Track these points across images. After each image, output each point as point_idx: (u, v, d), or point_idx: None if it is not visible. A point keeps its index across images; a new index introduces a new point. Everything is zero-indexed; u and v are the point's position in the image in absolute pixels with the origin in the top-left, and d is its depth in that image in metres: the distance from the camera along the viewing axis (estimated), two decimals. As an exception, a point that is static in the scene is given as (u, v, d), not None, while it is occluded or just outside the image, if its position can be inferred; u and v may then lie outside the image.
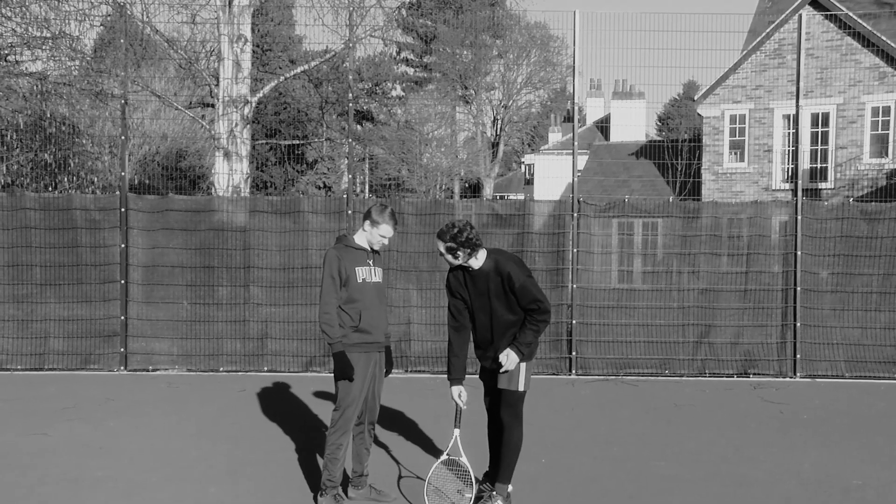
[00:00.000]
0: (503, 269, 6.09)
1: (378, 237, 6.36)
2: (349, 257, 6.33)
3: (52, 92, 17.59)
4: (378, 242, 6.39)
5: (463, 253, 6.04)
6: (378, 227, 6.31)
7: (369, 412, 6.49)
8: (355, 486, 6.54)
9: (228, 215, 12.43)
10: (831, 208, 12.56)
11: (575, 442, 8.48)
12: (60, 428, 8.80)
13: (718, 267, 12.39)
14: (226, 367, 12.14)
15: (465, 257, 6.06)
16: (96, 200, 12.54)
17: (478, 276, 6.17)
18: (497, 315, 6.17)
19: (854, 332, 12.20)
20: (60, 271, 12.15)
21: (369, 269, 6.39)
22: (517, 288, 6.05)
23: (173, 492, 6.76)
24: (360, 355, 6.30)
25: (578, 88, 13.07)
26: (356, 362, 6.25)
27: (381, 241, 6.38)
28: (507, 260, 6.17)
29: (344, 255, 6.32)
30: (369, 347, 6.37)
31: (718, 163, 26.41)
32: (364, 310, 6.32)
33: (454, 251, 6.04)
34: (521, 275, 6.10)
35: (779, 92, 25.10)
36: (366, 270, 6.37)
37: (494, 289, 6.12)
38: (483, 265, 6.16)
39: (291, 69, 22.67)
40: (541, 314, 6.08)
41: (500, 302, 6.14)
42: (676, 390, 11.22)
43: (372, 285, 6.38)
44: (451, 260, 6.12)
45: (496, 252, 6.29)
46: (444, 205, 12.96)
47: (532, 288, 6.09)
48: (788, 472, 7.42)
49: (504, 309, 6.15)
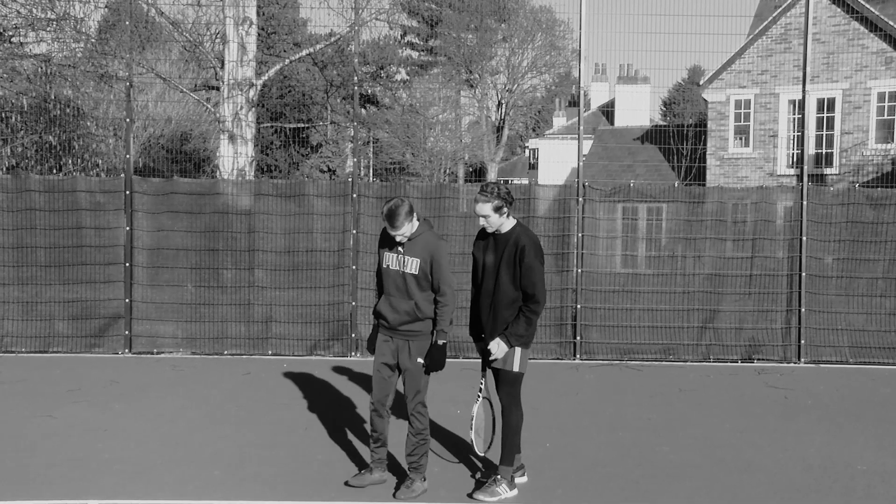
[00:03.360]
0: (521, 242, 6.22)
1: (390, 232, 6.31)
2: (386, 241, 6.43)
3: (56, 74, 17.50)
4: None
5: (507, 207, 6.23)
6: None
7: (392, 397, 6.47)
8: (371, 470, 6.55)
9: (233, 198, 12.39)
10: (836, 194, 12.49)
11: (579, 427, 8.47)
12: (66, 410, 8.80)
13: (723, 252, 12.34)
14: (230, 351, 12.13)
15: (508, 212, 6.24)
16: (101, 183, 12.50)
17: (501, 240, 6.31)
18: (501, 284, 6.24)
19: (859, 317, 12.16)
20: (65, 254, 12.12)
21: (397, 257, 6.34)
22: (524, 264, 6.16)
23: (179, 474, 6.76)
24: (379, 335, 6.48)
25: (583, 73, 12.98)
26: (377, 341, 6.46)
27: (392, 235, 6.31)
28: (528, 237, 6.30)
29: (384, 237, 6.44)
30: (386, 332, 6.43)
31: (723, 148, 26.30)
32: (384, 295, 6.40)
33: (501, 208, 6.20)
34: (532, 255, 6.19)
35: (784, 77, 24.95)
36: (393, 258, 6.36)
37: (507, 257, 6.23)
38: (508, 232, 6.31)
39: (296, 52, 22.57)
40: (532, 302, 6.18)
41: (507, 272, 6.23)
42: (681, 375, 11.20)
43: (395, 273, 6.33)
44: (494, 222, 6.25)
45: (522, 226, 6.43)
46: (449, 189, 12.91)
47: (536, 272, 6.16)
48: (793, 458, 7.40)
49: (508, 280, 6.22)
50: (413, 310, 6.28)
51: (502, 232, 6.30)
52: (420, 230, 6.32)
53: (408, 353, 6.34)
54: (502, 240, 6.30)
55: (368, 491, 6.41)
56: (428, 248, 6.26)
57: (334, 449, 7.50)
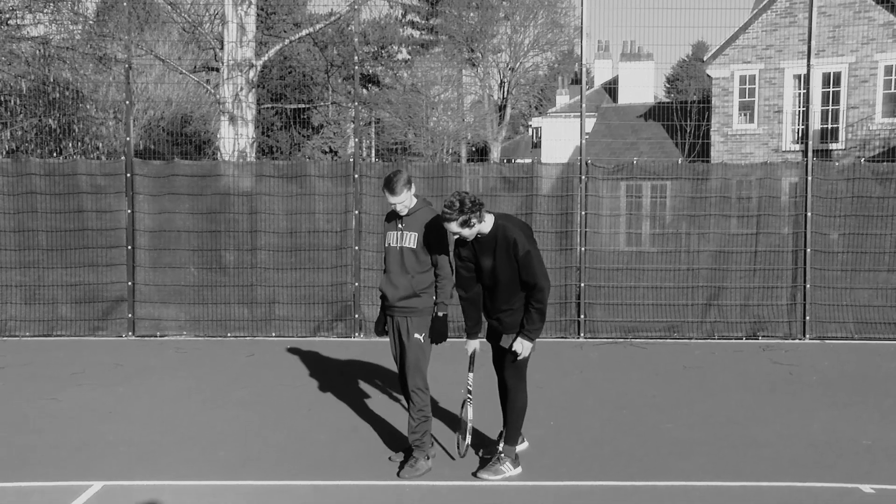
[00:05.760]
0: (510, 236, 6.09)
1: (390, 204, 6.39)
2: (390, 222, 6.53)
3: (54, 56, 17.44)
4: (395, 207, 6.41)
5: (475, 218, 6.01)
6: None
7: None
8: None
9: (234, 180, 12.39)
10: (842, 169, 12.44)
11: (584, 405, 8.50)
12: (70, 393, 8.85)
13: (728, 229, 12.31)
14: (234, 333, 12.17)
15: (478, 221, 6.04)
16: (101, 166, 12.50)
17: (485, 242, 6.16)
18: (501, 282, 6.19)
19: (864, 293, 12.15)
20: (66, 237, 12.14)
21: (397, 234, 6.44)
22: (521, 257, 6.07)
23: (184, 456, 6.81)
24: (387, 322, 6.62)
25: (586, 50, 12.93)
26: (388, 333, 6.64)
27: (393, 206, 6.40)
28: (514, 227, 6.19)
29: (387, 217, 6.55)
30: (389, 311, 6.54)
31: (728, 124, 26.18)
32: (387, 272, 6.50)
33: (468, 222, 6.00)
34: (526, 244, 6.11)
35: (789, 51, 24.79)
36: (394, 235, 6.46)
37: (500, 255, 6.12)
38: (491, 231, 6.15)
39: (296, 32, 22.45)
40: (537, 291, 6.13)
41: (504, 269, 6.14)
42: (685, 353, 11.22)
43: (396, 250, 6.42)
44: (469, 233, 6.09)
45: (504, 218, 6.29)
46: (452, 168, 12.89)
47: (533, 261, 6.10)
48: (798, 434, 7.42)
49: (508, 277, 6.16)
50: (410, 284, 6.34)
51: (485, 232, 6.15)
52: (419, 206, 6.42)
53: (406, 330, 6.40)
54: (487, 241, 6.15)
55: (373, 470, 6.45)
56: (425, 223, 6.36)
57: (338, 430, 7.54)
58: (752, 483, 6.22)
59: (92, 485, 6.15)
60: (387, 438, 7.22)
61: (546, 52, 51.70)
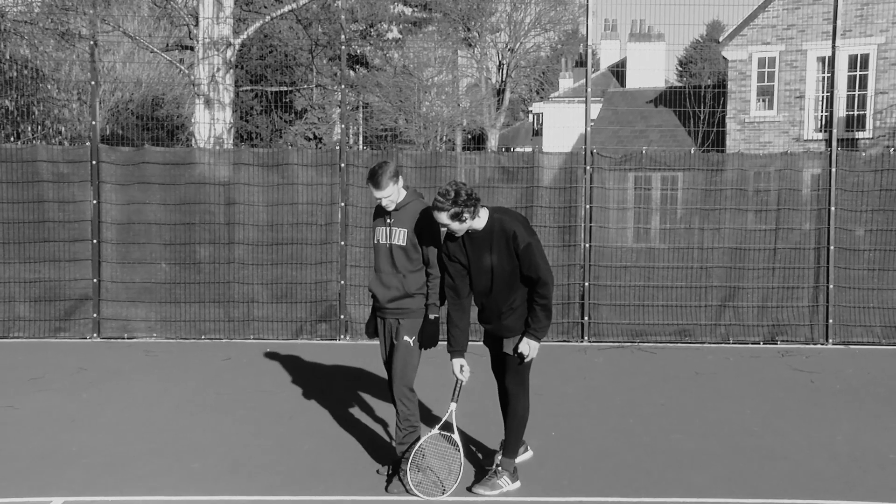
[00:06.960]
0: (508, 229, 6.08)
1: (375, 199, 6.38)
2: (378, 217, 6.52)
3: (11, 31, 17.38)
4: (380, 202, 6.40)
5: (468, 213, 5.98)
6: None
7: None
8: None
9: (210, 168, 12.38)
10: (869, 160, 12.48)
11: (588, 413, 8.52)
12: (30, 399, 8.83)
13: (744, 224, 12.35)
14: (208, 335, 12.17)
15: (471, 217, 6.02)
16: (64, 152, 12.47)
17: (479, 237, 6.14)
18: (499, 279, 6.17)
19: (893, 295, 12.19)
20: (25, 230, 12.12)
21: (386, 230, 6.43)
22: (521, 250, 6.06)
23: (154, 468, 6.80)
24: (378, 324, 6.65)
25: (592, 30, 12.96)
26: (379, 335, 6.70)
27: (378, 201, 6.39)
28: (512, 219, 6.18)
29: (375, 212, 6.54)
30: (380, 312, 6.56)
31: (745, 111, 26.24)
32: (377, 271, 6.51)
33: (460, 216, 5.96)
34: (526, 236, 6.10)
35: (813, 32, 24.83)
36: (383, 231, 6.46)
37: (498, 250, 6.11)
38: (486, 226, 6.14)
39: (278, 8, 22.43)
40: (541, 286, 6.11)
41: (503, 265, 6.13)
42: (698, 358, 11.25)
43: (386, 247, 6.42)
44: (458, 227, 6.04)
45: (500, 211, 6.28)
46: (446, 157, 12.90)
47: (535, 253, 6.09)
48: (819, 446, 7.45)
49: (507, 273, 6.14)
50: (402, 284, 6.33)
51: (479, 229, 6.11)
52: (408, 199, 6.37)
53: (396, 332, 6.42)
54: (482, 236, 6.11)
55: (360, 484, 6.46)
56: (416, 217, 6.31)
57: (322, 439, 7.55)
58: (768, 500, 6.23)
59: (52, 501, 6.13)
60: (374, 449, 7.23)
61: (548, 32, 51.71)
